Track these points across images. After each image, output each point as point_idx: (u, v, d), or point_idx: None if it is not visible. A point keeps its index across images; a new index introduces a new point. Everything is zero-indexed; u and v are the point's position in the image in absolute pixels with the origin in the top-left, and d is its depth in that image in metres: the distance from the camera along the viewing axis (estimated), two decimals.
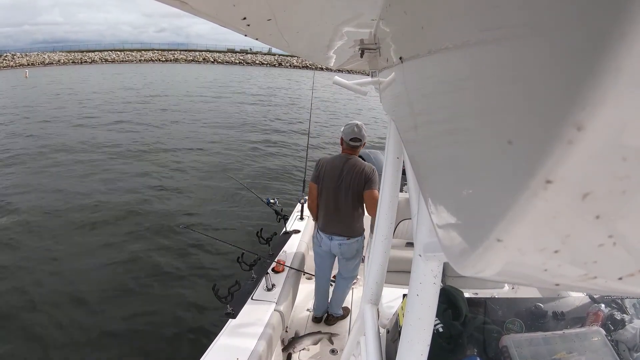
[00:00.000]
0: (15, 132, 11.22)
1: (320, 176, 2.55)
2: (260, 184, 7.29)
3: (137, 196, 6.55)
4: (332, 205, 2.53)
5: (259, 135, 11.72)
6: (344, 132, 2.51)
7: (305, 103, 18.39)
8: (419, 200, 0.72)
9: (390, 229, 1.34)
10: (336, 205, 2.52)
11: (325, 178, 2.53)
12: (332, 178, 2.50)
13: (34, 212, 5.76)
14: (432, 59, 0.31)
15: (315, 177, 2.58)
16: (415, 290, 0.73)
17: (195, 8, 0.36)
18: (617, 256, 0.15)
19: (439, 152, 0.30)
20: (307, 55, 1.13)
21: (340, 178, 2.48)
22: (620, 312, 1.36)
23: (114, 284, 4.07)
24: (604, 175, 0.13)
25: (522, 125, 0.15)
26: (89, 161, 8.51)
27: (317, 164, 2.61)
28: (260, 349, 1.96)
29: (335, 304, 2.91)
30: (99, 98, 18.52)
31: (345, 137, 2.50)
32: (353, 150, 2.52)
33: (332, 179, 2.50)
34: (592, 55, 0.11)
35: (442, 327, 1.23)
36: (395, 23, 0.51)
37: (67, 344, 3.24)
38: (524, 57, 0.15)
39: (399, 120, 0.61)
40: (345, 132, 2.50)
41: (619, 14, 0.10)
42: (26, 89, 22.60)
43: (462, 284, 2.11)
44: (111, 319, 3.54)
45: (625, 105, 0.11)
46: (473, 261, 0.19)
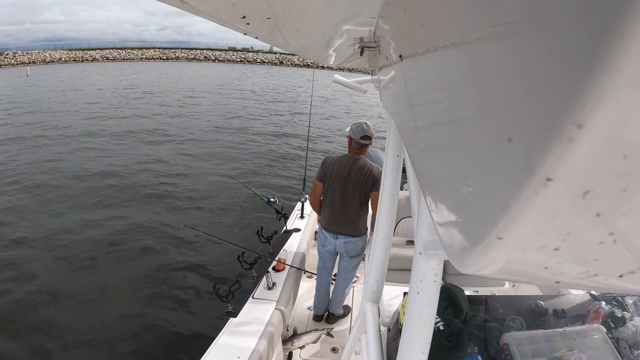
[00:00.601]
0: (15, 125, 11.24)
1: (327, 175, 2.53)
2: (261, 182, 7.29)
3: (137, 195, 6.56)
4: (338, 205, 2.53)
5: (259, 134, 11.71)
6: (353, 131, 2.49)
7: (305, 101, 18.39)
8: (419, 198, 0.72)
9: (390, 227, 1.34)
10: (343, 204, 2.53)
11: (332, 177, 2.52)
12: (339, 177, 2.49)
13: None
14: (431, 56, 0.30)
15: (322, 176, 2.57)
16: (416, 288, 0.73)
17: (194, 7, 0.36)
18: (617, 254, 0.15)
19: (439, 150, 0.30)
20: (306, 53, 1.13)
21: (348, 178, 2.48)
22: (621, 310, 1.36)
23: (114, 282, 4.08)
24: (604, 173, 0.13)
25: (522, 123, 0.15)
26: (88, 162, 8.51)
27: (323, 162, 2.59)
28: (261, 348, 1.96)
29: (336, 303, 2.92)
30: (95, 96, 18.52)
31: (354, 136, 2.48)
32: (361, 150, 2.51)
33: (339, 178, 2.49)
34: (592, 53, 0.11)
35: (443, 325, 1.23)
36: (394, 21, 0.51)
37: (67, 344, 3.25)
38: (524, 54, 0.15)
39: (398, 118, 0.61)
40: (354, 131, 2.48)
41: (619, 13, 0.10)
42: (28, 86, 22.59)
43: (463, 281, 2.12)
44: (110, 317, 3.55)
45: (626, 103, 0.11)
46: (474, 259, 0.19)
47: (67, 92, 20.08)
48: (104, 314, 3.61)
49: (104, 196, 6.47)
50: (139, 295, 3.90)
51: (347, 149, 2.59)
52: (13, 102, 16.55)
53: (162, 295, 3.91)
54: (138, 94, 20.00)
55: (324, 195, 2.61)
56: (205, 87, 24.99)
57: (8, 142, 10.01)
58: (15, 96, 18.70)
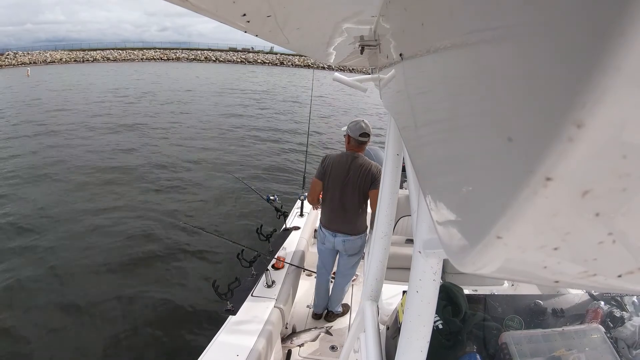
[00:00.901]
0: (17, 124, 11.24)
1: (327, 173, 2.53)
2: (260, 180, 7.29)
3: (136, 194, 6.56)
4: (337, 203, 2.54)
5: (259, 133, 11.71)
6: (351, 129, 2.49)
7: (304, 100, 18.38)
8: (419, 197, 0.72)
9: (390, 225, 1.34)
10: (342, 202, 2.53)
11: (331, 175, 2.52)
12: (339, 176, 2.50)
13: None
14: (432, 55, 0.30)
15: (321, 174, 2.57)
16: (415, 287, 0.73)
17: (195, 5, 0.36)
18: (616, 254, 0.16)
19: (439, 148, 0.30)
20: (307, 52, 1.13)
21: (347, 176, 2.48)
22: (620, 310, 1.36)
23: (113, 280, 4.08)
24: (604, 173, 0.13)
25: (522, 122, 0.15)
26: (86, 161, 8.51)
27: (323, 161, 2.59)
28: (260, 346, 1.97)
29: (335, 301, 2.92)
30: (94, 95, 18.51)
31: (352, 134, 2.48)
32: (360, 147, 2.51)
33: (339, 176, 2.50)
34: (593, 53, 0.11)
35: (442, 324, 1.23)
36: (395, 20, 0.51)
37: (68, 344, 3.25)
38: (525, 54, 0.15)
39: (399, 117, 0.61)
40: (352, 129, 2.48)
41: (619, 12, 0.10)
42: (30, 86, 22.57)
43: (462, 280, 2.12)
44: (109, 315, 3.56)
45: (626, 103, 0.11)
46: (473, 258, 0.19)
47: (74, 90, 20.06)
48: (101, 311, 3.61)
49: (103, 191, 6.49)
50: (136, 293, 3.90)
51: (345, 148, 2.58)
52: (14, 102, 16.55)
53: (161, 293, 3.91)
54: (139, 93, 19.96)
55: (323, 194, 2.61)
56: (205, 86, 24.96)
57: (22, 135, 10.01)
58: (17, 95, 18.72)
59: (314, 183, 2.63)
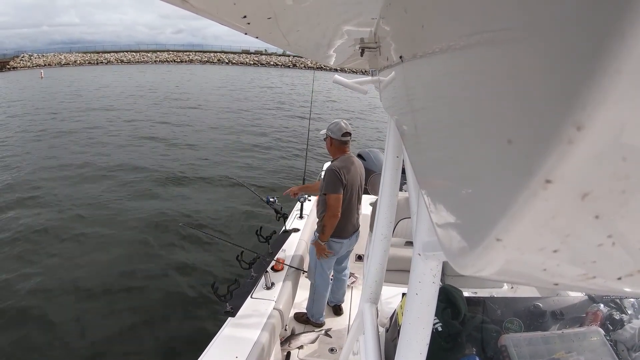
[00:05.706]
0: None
1: (348, 185, 2.46)
2: (260, 182, 7.29)
3: (136, 194, 6.55)
4: (352, 209, 2.61)
5: (259, 134, 11.71)
6: (332, 130, 2.46)
7: (306, 101, 18.40)
8: (419, 199, 0.72)
9: (389, 227, 1.34)
10: (354, 207, 2.62)
11: (348, 186, 2.47)
12: (354, 184, 2.54)
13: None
14: (432, 58, 0.30)
15: (342, 187, 2.44)
16: (415, 289, 0.73)
17: (195, 6, 0.36)
18: (616, 256, 0.15)
19: (439, 151, 0.30)
20: (307, 53, 1.13)
21: (358, 182, 2.57)
22: (619, 312, 1.36)
23: (112, 282, 4.07)
24: (603, 175, 0.13)
25: (522, 124, 0.15)
26: (85, 161, 8.51)
27: (338, 173, 2.42)
28: (259, 348, 1.96)
29: (342, 293, 3.05)
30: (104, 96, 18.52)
31: (335, 135, 2.45)
32: (345, 147, 2.52)
33: (355, 185, 2.55)
34: (593, 56, 0.11)
35: (441, 326, 1.23)
36: (395, 22, 0.51)
37: (67, 343, 3.24)
38: (525, 56, 0.15)
39: (398, 119, 0.61)
40: (333, 130, 2.45)
41: (619, 15, 0.10)
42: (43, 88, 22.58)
43: (461, 283, 2.11)
44: (109, 316, 3.54)
45: (625, 106, 0.11)
46: (472, 260, 0.19)
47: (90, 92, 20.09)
48: (100, 313, 3.60)
49: (102, 191, 6.48)
50: (136, 294, 3.89)
51: (328, 150, 2.56)
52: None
53: (161, 294, 3.90)
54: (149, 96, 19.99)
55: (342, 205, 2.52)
56: (211, 89, 25.01)
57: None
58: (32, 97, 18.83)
59: (337, 199, 2.43)
